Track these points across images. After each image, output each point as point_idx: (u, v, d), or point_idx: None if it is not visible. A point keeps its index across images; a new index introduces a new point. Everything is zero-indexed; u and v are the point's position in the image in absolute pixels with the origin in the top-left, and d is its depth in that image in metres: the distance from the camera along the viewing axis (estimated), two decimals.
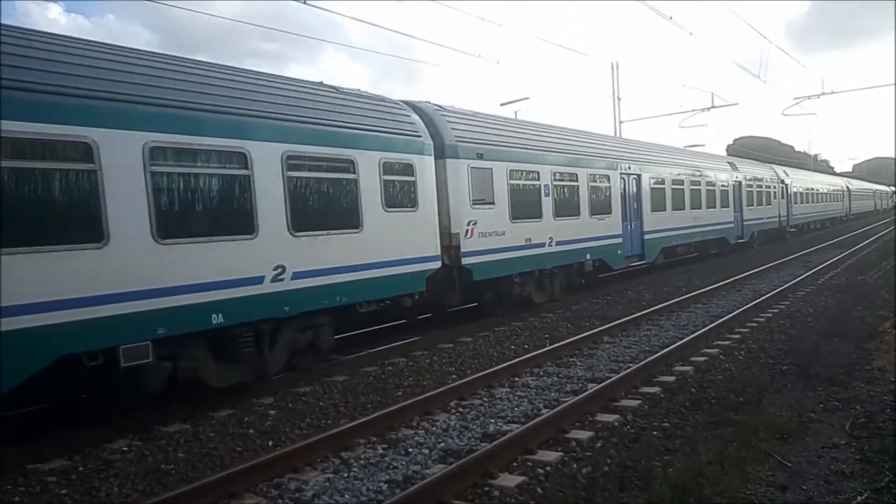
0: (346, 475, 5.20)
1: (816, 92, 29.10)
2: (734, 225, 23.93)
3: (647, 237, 17.22)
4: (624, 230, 16.11)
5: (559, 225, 13.48)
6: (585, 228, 14.43)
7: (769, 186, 28.76)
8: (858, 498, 4.28)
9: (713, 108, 28.74)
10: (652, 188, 17.67)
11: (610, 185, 15.59)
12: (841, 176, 61.37)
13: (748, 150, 59.98)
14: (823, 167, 75.00)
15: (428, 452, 5.61)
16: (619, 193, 15.96)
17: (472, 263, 11.07)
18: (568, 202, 13.96)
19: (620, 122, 28.73)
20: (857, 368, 7.51)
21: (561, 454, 5.39)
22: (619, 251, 15.85)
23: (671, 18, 18.71)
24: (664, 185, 18.46)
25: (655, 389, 7.22)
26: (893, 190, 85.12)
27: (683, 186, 19.68)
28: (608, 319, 11.57)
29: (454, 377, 8.23)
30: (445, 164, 10.79)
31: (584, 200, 14.47)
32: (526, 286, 12.89)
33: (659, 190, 18.13)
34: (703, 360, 8.51)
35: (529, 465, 5.21)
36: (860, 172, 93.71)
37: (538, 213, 12.97)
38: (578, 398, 6.60)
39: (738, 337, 9.83)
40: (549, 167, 13.34)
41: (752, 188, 26.16)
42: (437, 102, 11.76)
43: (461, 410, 6.85)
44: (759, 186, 27.21)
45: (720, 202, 22.50)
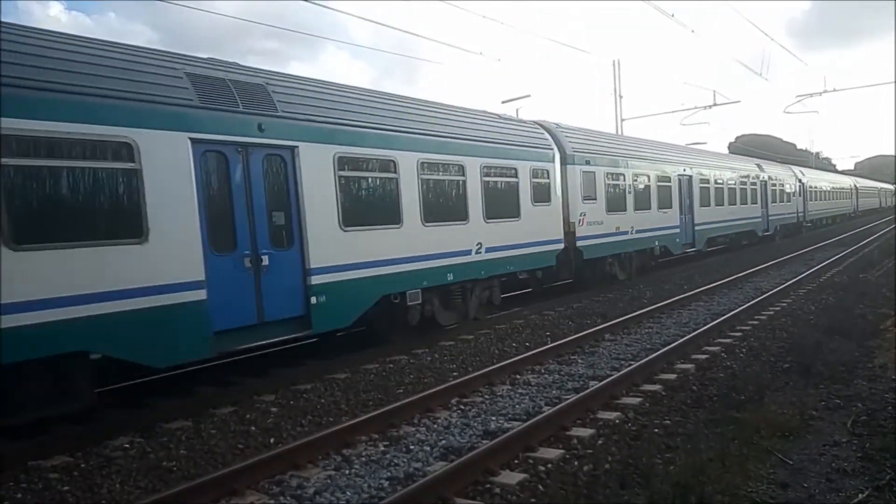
0: (347, 472, 5.21)
1: (818, 90, 29.11)
2: (761, 220, 26.91)
3: (697, 228, 20.31)
4: (681, 222, 19.29)
5: (637, 217, 16.71)
6: (654, 220, 17.64)
7: (789, 185, 31.77)
8: (860, 496, 4.28)
9: (715, 105, 28.73)
10: (700, 187, 20.67)
11: (671, 184, 18.71)
12: (848, 175, 63.48)
13: (750, 147, 59.90)
14: (825, 165, 74.90)
15: (429, 450, 5.62)
16: (677, 191, 19.05)
17: (583, 245, 14.39)
18: (642, 198, 17.14)
19: (622, 119, 28.66)
20: (858, 366, 7.50)
21: (562, 452, 5.39)
22: (677, 239, 19.07)
23: (673, 16, 18.92)
24: (709, 184, 21.53)
25: (657, 387, 7.22)
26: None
27: (723, 186, 22.74)
28: (609, 317, 11.56)
29: (455, 375, 8.24)
30: (566, 169, 14.04)
31: (653, 197, 17.71)
32: (613, 266, 16.10)
33: (705, 189, 21.15)
34: (704, 357, 8.51)
35: (531, 462, 5.21)
36: (862, 170, 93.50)
37: (623, 206, 16.17)
38: (580, 396, 6.60)
39: (739, 335, 9.82)
40: (630, 170, 16.62)
41: (775, 187, 29.04)
42: (555, 120, 15.00)
43: (462, 408, 6.85)
44: (780, 186, 30.18)
45: (750, 200, 25.57)
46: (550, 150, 13.43)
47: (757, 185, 26.51)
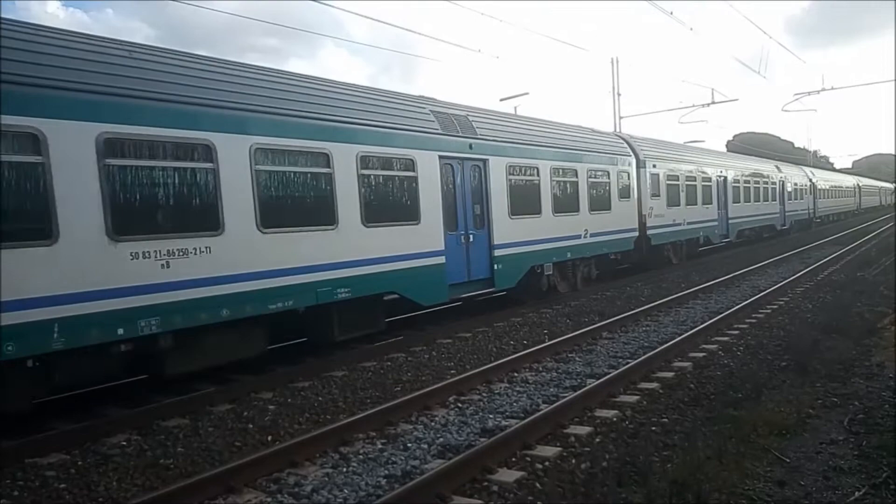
0: (344, 470, 5.20)
1: (816, 88, 29.13)
2: (779, 215, 30.38)
3: (730, 221, 23.48)
4: (719, 216, 22.48)
5: (688, 211, 19.93)
6: (700, 214, 20.85)
7: (801, 185, 35.41)
8: (856, 494, 4.29)
9: (713, 103, 28.67)
10: (732, 186, 23.92)
11: (711, 184, 21.93)
12: (851, 175, 67.16)
13: (748, 145, 59.98)
14: (823, 163, 75.14)
15: (427, 447, 5.62)
16: (715, 190, 22.22)
17: (651, 234, 17.61)
18: (691, 196, 20.33)
19: (620, 117, 28.65)
20: (855, 364, 7.52)
21: (560, 449, 5.40)
22: (716, 230, 22.36)
23: (671, 14, 18.96)
24: (739, 184, 24.84)
25: (654, 385, 7.23)
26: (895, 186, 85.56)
27: (750, 185, 26.16)
28: (607, 315, 11.58)
29: (453, 372, 8.24)
30: (639, 171, 17.28)
31: (699, 195, 20.90)
32: (669, 252, 19.39)
33: (736, 188, 24.43)
34: (701, 356, 8.53)
35: (528, 460, 5.21)
36: (860, 169, 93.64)
37: (678, 202, 19.37)
38: (577, 394, 6.61)
39: (736, 333, 9.84)
40: (683, 172, 19.87)
41: (790, 186, 32.54)
42: (628, 133, 19.08)
43: (460, 406, 6.86)
44: (795, 185, 33.80)
45: (771, 197, 29.08)
46: (630, 156, 16.94)
47: (776, 184, 29.97)
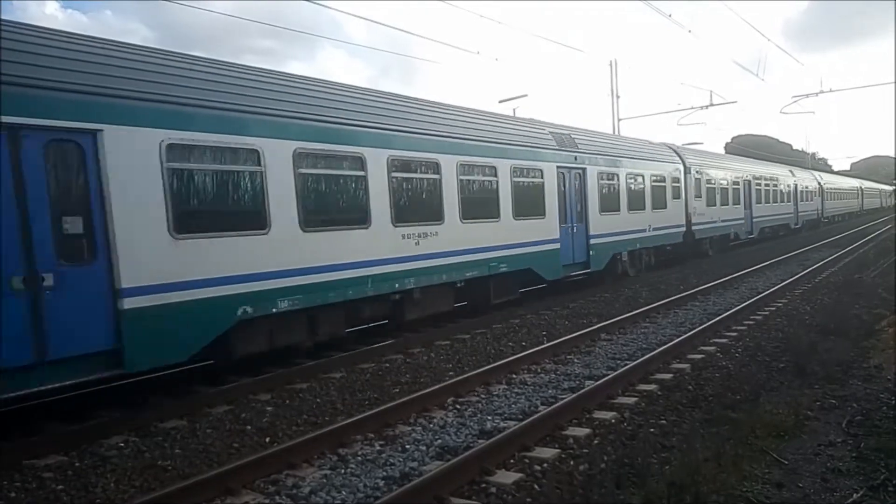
0: (343, 472, 5.20)
1: (815, 90, 29.41)
2: (793, 215, 33.41)
3: (754, 220, 26.69)
4: (745, 215, 25.64)
5: (722, 210, 23.07)
6: (731, 213, 24.07)
7: (812, 187, 38.71)
8: (854, 495, 4.28)
9: (711, 105, 28.77)
10: (755, 189, 26.91)
11: (739, 187, 25.13)
12: (854, 178, 70.27)
13: (746, 148, 60.09)
14: (821, 166, 75.25)
15: (425, 449, 5.61)
16: (742, 192, 25.40)
17: (696, 229, 20.71)
18: (724, 197, 23.45)
19: (619, 119, 28.71)
20: (854, 366, 7.52)
21: (558, 451, 5.40)
22: (743, 228, 25.59)
23: (670, 16, 19.14)
24: (761, 186, 27.88)
25: (653, 387, 7.23)
26: (894, 189, 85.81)
27: (769, 188, 29.28)
28: (606, 317, 11.58)
29: (451, 374, 8.23)
30: (686, 176, 20.32)
31: (730, 196, 24.07)
32: (706, 245, 22.47)
33: (758, 190, 27.45)
34: (700, 357, 8.53)
35: (526, 462, 5.21)
36: (858, 171, 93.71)
37: (715, 202, 22.54)
38: (576, 395, 6.61)
39: (735, 335, 9.85)
40: (720, 178, 23.12)
41: (802, 189, 35.76)
42: (675, 144, 22.66)
43: (458, 407, 6.85)
44: (806, 188, 36.94)
45: (786, 199, 32.11)
46: (679, 163, 20.24)
47: (791, 187, 33.12)
